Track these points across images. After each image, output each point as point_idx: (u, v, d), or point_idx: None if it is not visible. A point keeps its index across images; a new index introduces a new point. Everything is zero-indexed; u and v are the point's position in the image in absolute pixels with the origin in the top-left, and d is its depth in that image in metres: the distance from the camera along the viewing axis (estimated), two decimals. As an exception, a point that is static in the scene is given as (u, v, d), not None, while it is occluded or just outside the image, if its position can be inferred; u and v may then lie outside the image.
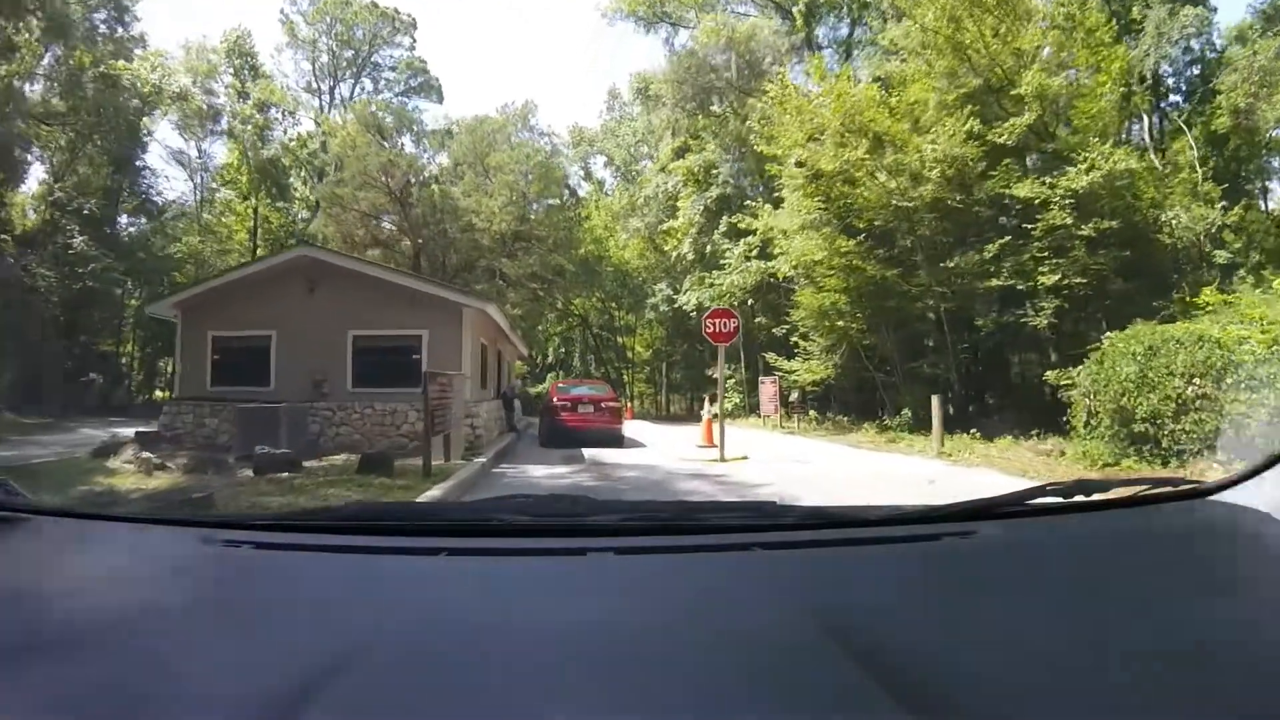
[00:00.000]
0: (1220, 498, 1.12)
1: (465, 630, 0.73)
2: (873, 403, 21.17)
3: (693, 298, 23.16)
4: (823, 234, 14.66)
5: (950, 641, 0.70)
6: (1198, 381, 7.97)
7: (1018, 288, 15.27)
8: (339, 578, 0.91)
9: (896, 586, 0.89)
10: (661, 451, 11.33)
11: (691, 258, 23.61)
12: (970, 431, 13.37)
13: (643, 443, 12.97)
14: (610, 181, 36.37)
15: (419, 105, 34.01)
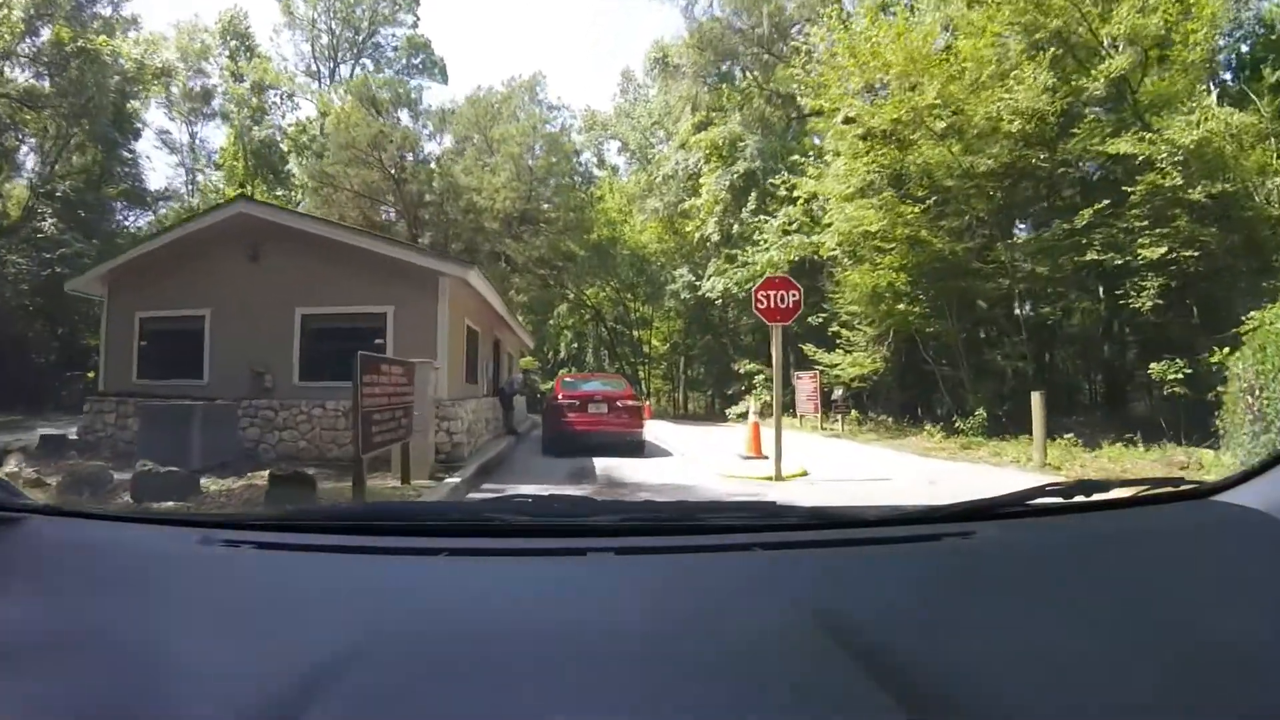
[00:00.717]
0: (1220, 498, 1.10)
1: (465, 631, 0.72)
2: (922, 401, 18.72)
3: (718, 283, 20.80)
4: (882, 198, 12.18)
5: (950, 641, 0.69)
6: None
7: (1116, 263, 12.79)
8: (339, 578, 0.90)
9: (897, 586, 0.87)
10: (695, 463, 8.95)
11: (716, 238, 21.18)
12: (1064, 436, 10.92)
13: (668, 450, 10.59)
14: (624, 169, 34.31)
15: (422, 84, 31.87)
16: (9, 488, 1.11)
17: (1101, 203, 12.49)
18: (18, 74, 23.85)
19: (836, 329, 16.43)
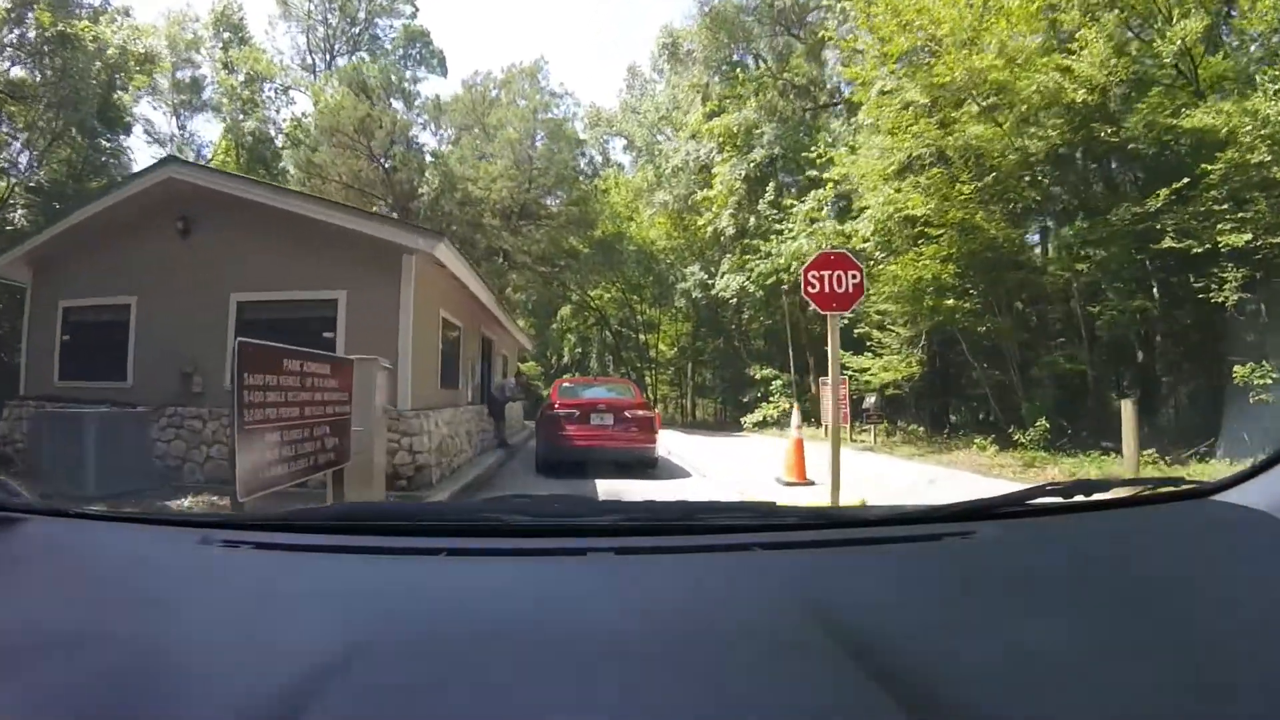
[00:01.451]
0: (1220, 498, 1.08)
1: (465, 631, 0.71)
2: (958, 409, 17.04)
3: (733, 281, 19.21)
4: (930, 176, 10.58)
5: (950, 641, 0.69)
6: None
7: (1194, 251, 11.20)
8: (339, 578, 0.88)
9: (896, 586, 0.86)
10: (722, 487, 7.28)
11: (732, 232, 19.59)
12: (1144, 451, 9.31)
13: (684, 468, 8.97)
14: (630, 168, 32.93)
15: (419, 74, 30.38)
16: (9, 488, 1.12)
17: (1180, 181, 10.92)
18: (5, 65, 22.76)
19: (865, 329, 14.87)
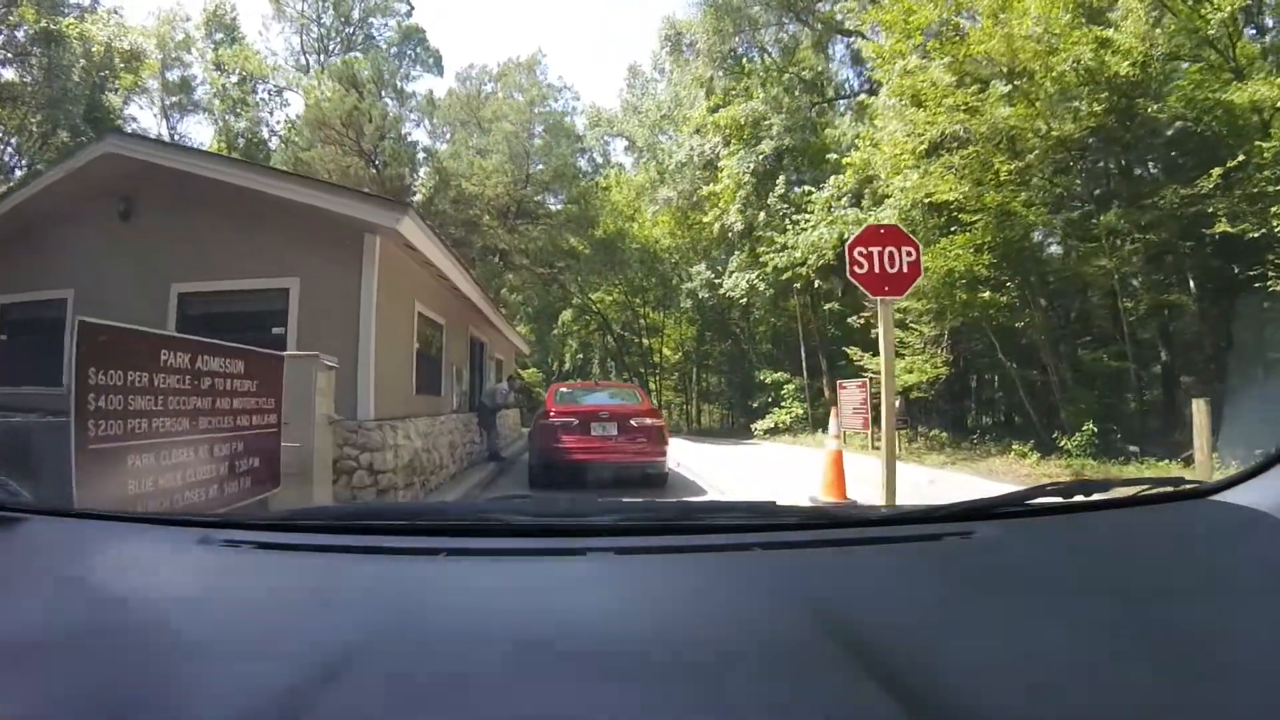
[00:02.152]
0: (1220, 498, 1.07)
1: (465, 631, 0.71)
2: (986, 412, 16.01)
3: (742, 280, 18.25)
4: (965, 156, 9.62)
5: (950, 641, 0.68)
6: None
7: (1250, 235, 10.26)
8: (339, 578, 0.88)
9: (896, 586, 0.85)
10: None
11: (740, 228, 18.64)
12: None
13: (698, 483, 7.96)
14: (631, 169, 32.12)
15: (413, 72, 29.62)
16: (9, 488, 1.13)
17: (1236, 159, 9.98)
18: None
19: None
